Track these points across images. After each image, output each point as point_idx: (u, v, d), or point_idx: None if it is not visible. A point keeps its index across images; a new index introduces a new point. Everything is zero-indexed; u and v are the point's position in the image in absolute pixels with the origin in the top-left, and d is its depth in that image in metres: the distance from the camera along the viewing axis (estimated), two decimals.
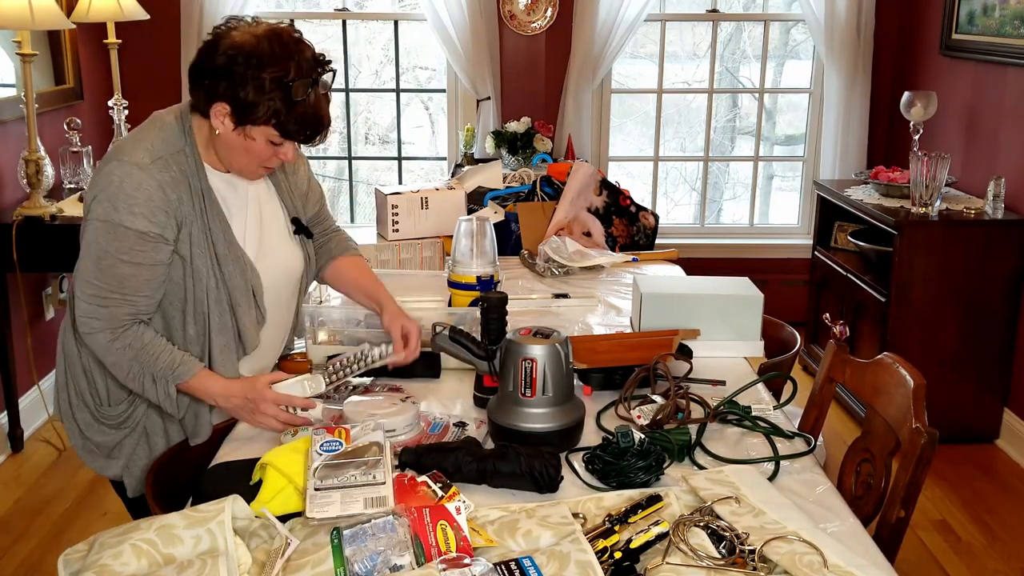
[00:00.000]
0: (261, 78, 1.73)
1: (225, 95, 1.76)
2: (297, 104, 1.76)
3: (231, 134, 1.80)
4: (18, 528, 3.04)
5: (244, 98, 1.74)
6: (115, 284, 1.78)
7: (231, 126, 1.79)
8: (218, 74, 1.75)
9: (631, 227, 3.47)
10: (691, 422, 1.81)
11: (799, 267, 4.74)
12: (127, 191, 1.75)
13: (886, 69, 4.61)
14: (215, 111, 1.78)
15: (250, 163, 1.85)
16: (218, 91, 1.76)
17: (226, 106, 1.77)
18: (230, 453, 1.78)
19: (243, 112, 1.76)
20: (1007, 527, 3.09)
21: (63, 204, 3.50)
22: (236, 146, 1.82)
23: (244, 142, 1.81)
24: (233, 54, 1.75)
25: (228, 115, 1.78)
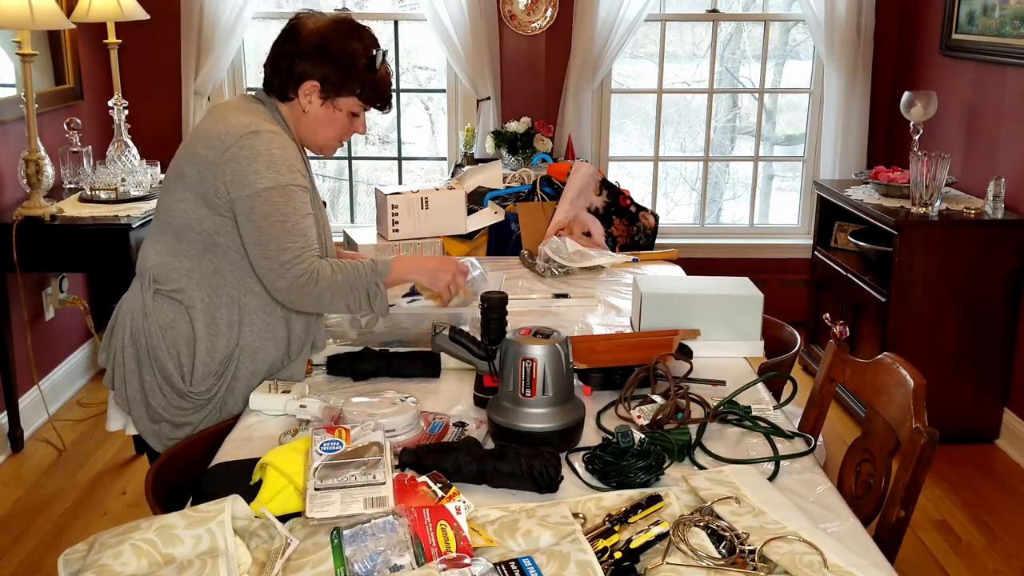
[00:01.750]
0: (349, 53, 2.00)
1: (314, 73, 2.00)
2: (376, 73, 2.04)
3: (319, 110, 2.04)
4: (18, 528, 3.04)
5: (334, 72, 2.00)
6: (305, 240, 1.96)
7: (319, 102, 2.03)
8: (306, 56, 2.00)
9: (631, 227, 3.48)
10: (691, 422, 1.81)
11: (799, 267, 4.74)
12: (278, 154, 1.94)
13: (886, 69, 4.61)
14: (304, 89, 2.02)
15: (332, 136, 2.10)
16: (307, 71, 2.00)
17: (316, 83, 2.01)
18: (230, 453, 1.78)
19: (333, 85, 2.02)
20: (1007, 527, 3.09)
21: (63, 204, 3.50)
22: (322, 120, 2.06)
23: (331, 114, 2.06)
24: (319, 38, 1.99)
25: (317, 92, 2.02)
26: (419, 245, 2.88)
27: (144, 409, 2.06)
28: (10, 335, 3.40)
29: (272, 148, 1.93)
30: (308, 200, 1.99)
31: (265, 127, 1.95)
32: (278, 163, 1.92)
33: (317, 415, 1.86)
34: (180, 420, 2.06)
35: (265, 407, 1.94)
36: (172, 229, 2.01)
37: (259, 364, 2.06)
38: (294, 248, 1.94)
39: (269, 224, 1.92)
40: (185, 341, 2.02)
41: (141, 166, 3.74)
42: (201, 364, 2.02)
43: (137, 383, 2.06)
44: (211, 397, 2.05)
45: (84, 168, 3.68)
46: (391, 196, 2.87)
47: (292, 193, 1.94)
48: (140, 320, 2.03)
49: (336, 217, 5.53)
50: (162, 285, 2.02)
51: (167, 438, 2.07)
